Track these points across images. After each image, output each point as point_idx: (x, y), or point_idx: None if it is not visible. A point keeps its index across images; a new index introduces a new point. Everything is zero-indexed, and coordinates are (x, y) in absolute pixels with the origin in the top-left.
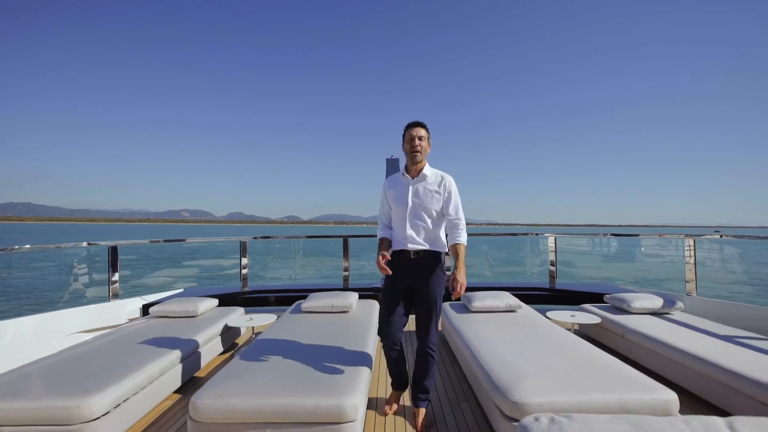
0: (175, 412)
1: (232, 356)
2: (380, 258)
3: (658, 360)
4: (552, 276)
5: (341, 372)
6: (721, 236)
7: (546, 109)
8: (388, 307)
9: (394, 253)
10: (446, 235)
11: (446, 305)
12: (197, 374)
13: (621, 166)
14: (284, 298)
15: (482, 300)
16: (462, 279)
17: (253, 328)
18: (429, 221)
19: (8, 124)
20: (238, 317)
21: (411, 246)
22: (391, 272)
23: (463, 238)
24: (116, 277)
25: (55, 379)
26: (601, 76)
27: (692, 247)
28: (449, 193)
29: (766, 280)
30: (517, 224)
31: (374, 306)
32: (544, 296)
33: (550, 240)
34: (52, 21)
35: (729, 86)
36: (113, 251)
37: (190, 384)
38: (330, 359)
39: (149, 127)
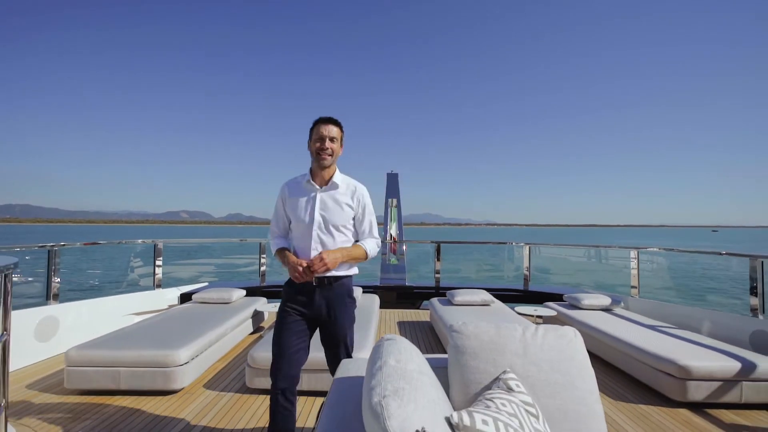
0: (233, 364)
1: (263, 335)
2: (297, 264)
3: (595, 344)
4: (525, 279)
5: (356, 335)
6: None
7: (545, 109)
8: (285, 344)
9: (292, 280)
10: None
11: (434, 300)
12: (238, 344)
13: (620, 165)
14: None
15: (463, 296)
16: (328, 258)
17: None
18: (339, 239)
19: (7, 125)
20: (263, 304)
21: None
22: (310, 277)
23: (368, 245)
24: (159, 270)
25: (148, 338)
26: (601, 76)
27: (636, 258)
28: (364, 207)
29: (687, 284)
30: (516, 225)
31: (375, 299)
32: (518, 296)
33: (525, 249)
34: (50, 22)
35: (730, 86)
36: (156, 248)
37: (234, 351)
38: None
39: (148, 129)
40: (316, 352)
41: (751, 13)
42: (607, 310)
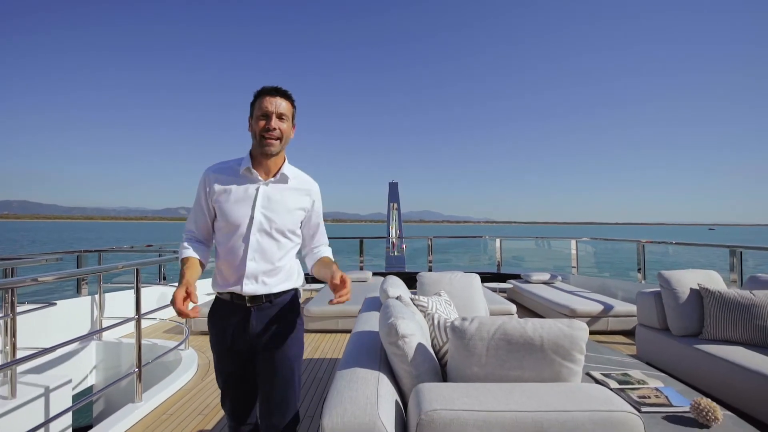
0: None
1: (311, 297)
2: (179, 294)
3: (533, 303)
4: (498, 265)
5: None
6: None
7: (544, 108)
8: (234, 384)
9: (220, 299)
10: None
11: None
12: None
13: (620, 164)
14: None
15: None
16: (346, 277)
17: (311, 291)
18: (286, 246)
19: (6, 123)
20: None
21: (251, 288)
22: (196, 315)
23: (330, 251)
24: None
25: None
26: (601, 76)
27: (575, 246)
28: (318, 210)
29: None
30: (515, 222)
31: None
32: (490, 276)
33: (497, 242)
34: (47, 22)
35: (730, 86)
36: None
37: None
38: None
39: (147, 127)
40: (348, 305)
41: (748, 12)
42: (547, 283)
